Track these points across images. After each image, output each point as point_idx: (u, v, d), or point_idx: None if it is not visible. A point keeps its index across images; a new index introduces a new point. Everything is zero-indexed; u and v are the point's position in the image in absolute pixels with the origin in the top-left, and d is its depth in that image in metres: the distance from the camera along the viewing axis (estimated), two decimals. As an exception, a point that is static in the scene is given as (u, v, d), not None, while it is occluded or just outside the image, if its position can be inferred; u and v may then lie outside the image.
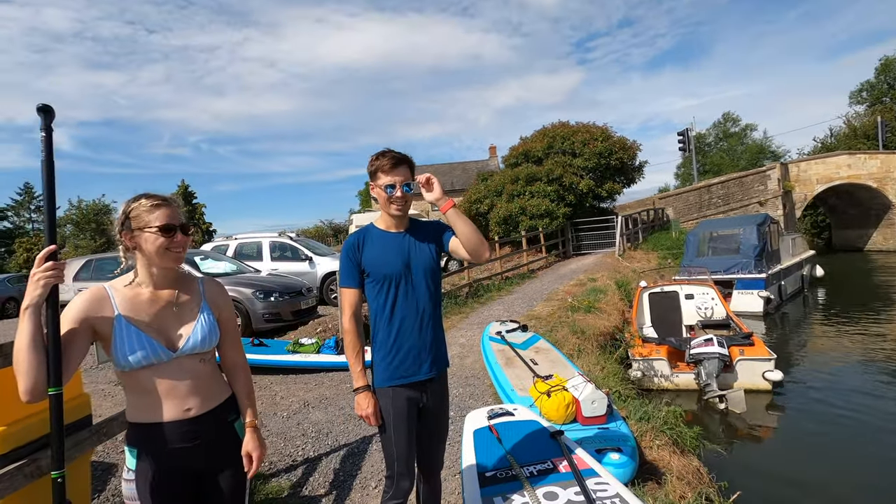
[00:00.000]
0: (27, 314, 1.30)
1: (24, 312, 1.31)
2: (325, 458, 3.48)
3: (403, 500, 1.98)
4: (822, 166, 23.48)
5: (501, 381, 4.35)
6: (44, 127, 1.38)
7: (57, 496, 1.35)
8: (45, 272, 1.31)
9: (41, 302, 1.31)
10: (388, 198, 1.87)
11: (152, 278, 1.51)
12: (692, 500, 2.65)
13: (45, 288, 1.31)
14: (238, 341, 1.71)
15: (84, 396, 2.21)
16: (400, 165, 1.87)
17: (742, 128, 47.40)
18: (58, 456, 1.36)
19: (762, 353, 6.64)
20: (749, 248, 11.80)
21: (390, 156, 1.87)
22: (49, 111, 1.39)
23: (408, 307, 1.92)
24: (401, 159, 1.88)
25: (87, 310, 1.41)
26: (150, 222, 1.45)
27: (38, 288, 1.30)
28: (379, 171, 1.87)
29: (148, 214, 1.46)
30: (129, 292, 1.48)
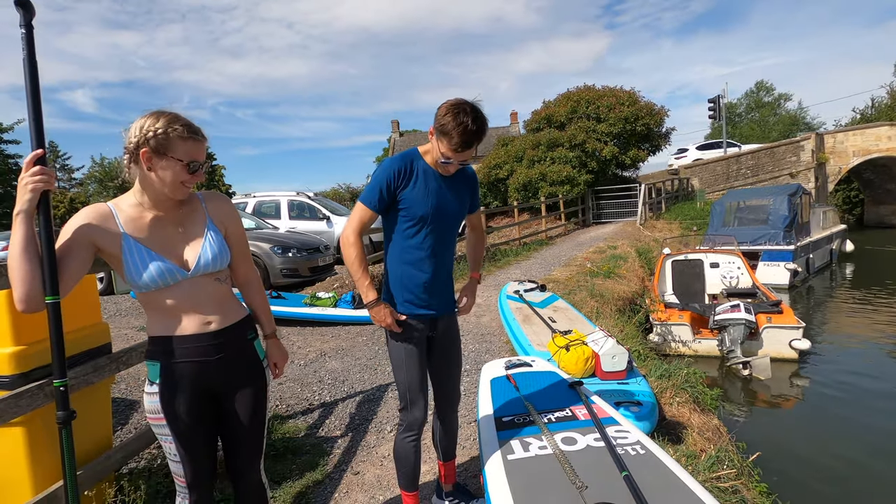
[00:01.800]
0: (19, 220, 1.24)
1: (15, 218, 1.25)
2: (340, 403, 3.51)
3: (417, 434, 1.96)
4: (860, 138, 22.35)
5: (519, 337, 4.30)
6: (24, 24, 1.29)
7: (60, 404, 1.34)
8: (34, 177, 1.25)
9: (32, 208, 1.25)
10: (441, 166, 1.80)
11: (156, 201, 1.44)
12: (714, 453, 2.59)
13: (34, 193, 1.24)
14: (249, 256, 1.67)
15: (103, 325, 2.21)
16: (469, 148, 1.73)
17: (776, 97, 45.30)
18: (59, 365, 1.34)
19: (790, 321, 6.47)
20: (778, 219, 11.39)
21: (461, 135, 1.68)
22: (28, 6, 1.29)
23: (431, 247, 1.88)
24: (470, 140, 1.71)
25: (88, 222, 1.36)
26: (177, 152, 1.37)
27: (27, 193, 1.24)
28: (445, 137, 1.72)
29: (181, 143, 1.37)
30: (133, 212, 1.43)
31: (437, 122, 1.74)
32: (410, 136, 39.53)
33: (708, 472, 2.43)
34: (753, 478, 3.03)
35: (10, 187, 29.03)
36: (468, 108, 1.69)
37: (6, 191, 28.58)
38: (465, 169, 1.97)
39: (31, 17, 1.29)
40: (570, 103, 18.93)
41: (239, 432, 1.57)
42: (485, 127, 1.73)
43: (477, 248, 2.20)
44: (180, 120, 1.40)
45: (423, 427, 1.99)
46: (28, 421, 1.80)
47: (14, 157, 29.16)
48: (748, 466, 3.10)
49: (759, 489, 2.94)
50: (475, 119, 1.69)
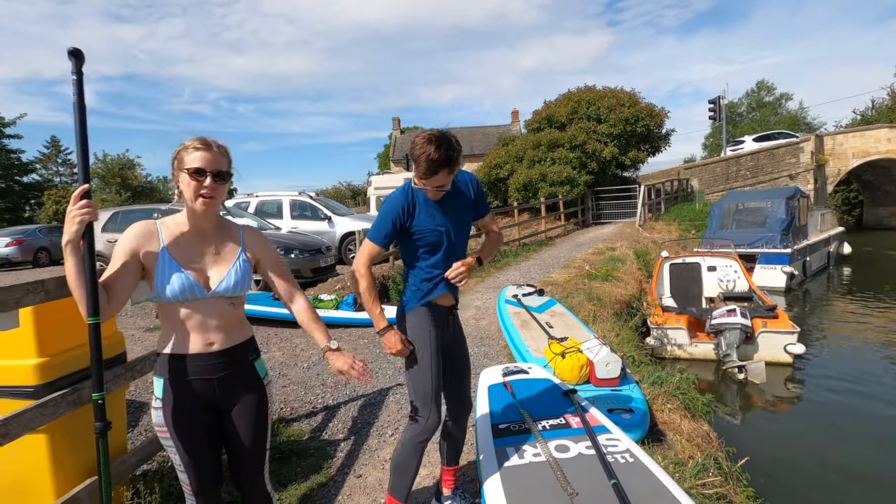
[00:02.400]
0: (68, 249, 1.39)
1: (65, 248, 1.40)
2: (343, 407, 3.62)
3: (427, 439, 2.02)
4: (859, 139, 22.42)
5: (516, 342, 4.41)
6: (75, 70, 1.42)
7: (98, 415, 1.45)
8: (80, 209, 1.38)
9: (78, 238, 1.39)
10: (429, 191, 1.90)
11: (195, 220, 1.57)
12: (701, 460, 2.70)
13: (80, 224, 1.38)
14: (291, 279, 1.80)
15: (118, 335, 2.32)
16: (437, 173, 1.80)
17: (776, 97, 45.32)
18: (97, 379, 1.46)
19: (786, 326, 6.57)
20: (776, 222, 11.48)
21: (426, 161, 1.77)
22: (79, 55, 1.42)
23: (446, 261, 1.99)
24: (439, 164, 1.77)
25: (136, 242, 1.50)
26: (186, 164, 1.50)
27: (74, 224, 1.37)
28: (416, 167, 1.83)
29: (188, 156, 1.51)
30: (176, 230, 1.56)
31: (410, 152, 1.88)
32: (411, 133, 39.52)
33: (694, 479, 2.54)
34: (741, 483, 3.14)
35: (13, 182, 29.11)
36: (434, 138, 1.76)
37: (8, 185, 28.68)
38: (467, 177, 2.07)
39: (81, 63, 1.41)
40: (570, 104, 19.01)
41: (241, 447, 1.67)
42: (452, 154, 1.77)
43: (492, 243, 2.23)
44: (196, 138, 1.54)
45: (433, 432, 2.04)
46: (51, 428, 1.91)
47: (16, 152, 29.21)
48: (736, 471, 3.21)
49: (747, 493, 3.05)
50: (439, 147, 1.74)
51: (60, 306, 1.97)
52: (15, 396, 1.87)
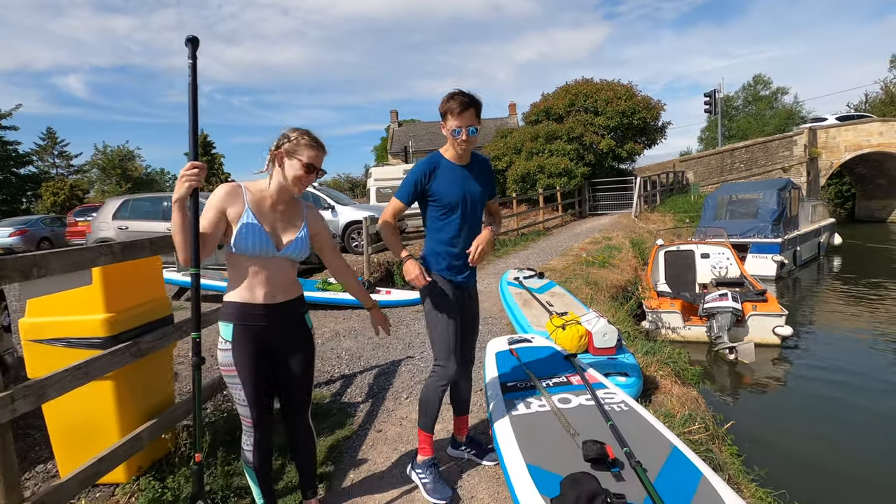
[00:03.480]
0: (176, 206, 1.66)
1: (173, 204, 1.66)
2: (359, 376, 3.88)
3: (447, 384, 2.30)
4: (851, 133, 22.77)
5: (519, 318, 4.68)
6: (191, 55, 1.68)
7: (195, 350, 1.75)
8: (190, 172, 1.65)
9: (186, 197, 1.66)
10: (454, 140, 2.12)
11: (278, 192, 1.85)
12: (687, 412, 2.99)
13: (188, 188, 1.65)
14: (337, 250, 2.11)
15: (166, 299, 2.57)
16: (467, 110, 2.08)
17: (773, 91, 45.64)
18: (196, 320, 1.73)
19: (774, 309, 6.89)
20: (767, 213, 11.80)
21: (459, 100, 2.07)
22: (196, 42, 1.68)
23: (459, 226, 2.25)
24: (468, 104, 2.08)
25: (224, 200, 1.76)
26: (301, 155, 1.78)
27: (183, 187, 1.65)
28: (448, 114, 2.09)
29: (305, 149, 1.80)
30: (258, 195, 1.83)
31: (440, 113, 2.14)
32: (409, 125, 39.54)
33: (681, 427, 2.82)
34: (726, 442, 3.43)
35: (10, 174, 29.09)
36: (456, 89, 2.12)
37: (5, 177, 28.64)
38: (482, 158, 2.35)
39: (196, 48, 1.67)
40: (568, 96, 19.23)
41: (293, 385, 1.96)
42: (475, 97, 2.11)
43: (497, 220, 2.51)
44: (310, 133, 1.85)
45: (453, 379, 2.32)
46: (116, 376, 2.17)
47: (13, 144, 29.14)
48: (722, 433, 3.50)
49: (730, 451, 3.35)
50: (463, 91, 2.11)
51: (125, 268, 2.22)
52: (85, 347, 2.12)
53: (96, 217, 8.76)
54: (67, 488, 1.82)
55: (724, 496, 1.79)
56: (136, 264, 2.30)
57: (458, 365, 2.31)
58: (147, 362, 2.35)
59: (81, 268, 1.93)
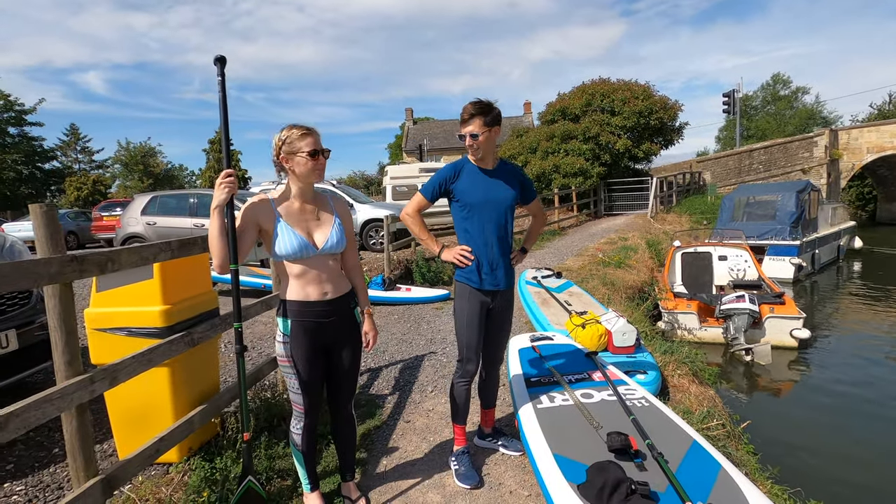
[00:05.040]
0: (216, 213, 1.80)
1: (213, 211, 1.80)
2: (384, 370, 4.04)
3: (469, 381, 2.47)
4: (874, 134, 22.35)
5: (538, 317, 4.80)
6: (219, 73, 1.81)
7: (238, 339, 1.89)
8: (227, 180, 1.79)
9: (224, 203, 1.79)
10: (465, 145, 2.26)
11: (301, 193, 1.96)
12: (706, 409, 3.08)
13: (227, 194, 1.79)
14: (355, 247, 2.17)
15: (214, 293, 2.74)
16: (473, 118, 2.21)
17: (793, 91, 44.87)
18: (237, 312, 1.88)
19: (792, 311, 6.90)
20: (785, 215, 11.71)
21: (465, 109, 2.23)
22: (223, 61, 1.82)
23: (483, 230, 2.36)
24: (473, 112, 2.21)
25: (255, 210, 1.89)
26: (301, 148, 1.88)
27: (223, 193, 1.79)
28: (461, 122, 2.25)
29: (299, 142, 1.88)
30: (285, 202, 1.95)
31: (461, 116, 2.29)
32: (424, 123, 39.73)
33: (700, 423, 2.92)
34: (742, 441, 3.52)
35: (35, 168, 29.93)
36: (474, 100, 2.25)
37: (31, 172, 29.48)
38: (510, 165, 2.47)
39: (224, 66, 1.80)
40: (584, 96, 19.19)
41: (342, 377, 2.10)
42: (483, 105, 2.22)
43: (533, 228, 2.72)
44: (296, 125, 1.92)
45: (474, 376, 2.48)
46: (172, 363, 2.34)
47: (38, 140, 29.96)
48: (738, 432, 3.59)
49: (746, 449, 3.43)
50: (474, 101, 2.23)
51: (179, 264, 2.39)
52: (145, 336, 2.30)
53: (125, 213, 9.06)
54: (133, 464, 1.99)
55: (743, 487, 1.89)
56: (188, 260, 2.47)
57: (478, 364, 2.45)
58: (197, 351, 2.52)
59: (146, 262, 2.10)
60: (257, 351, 4.54)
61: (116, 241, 8.95)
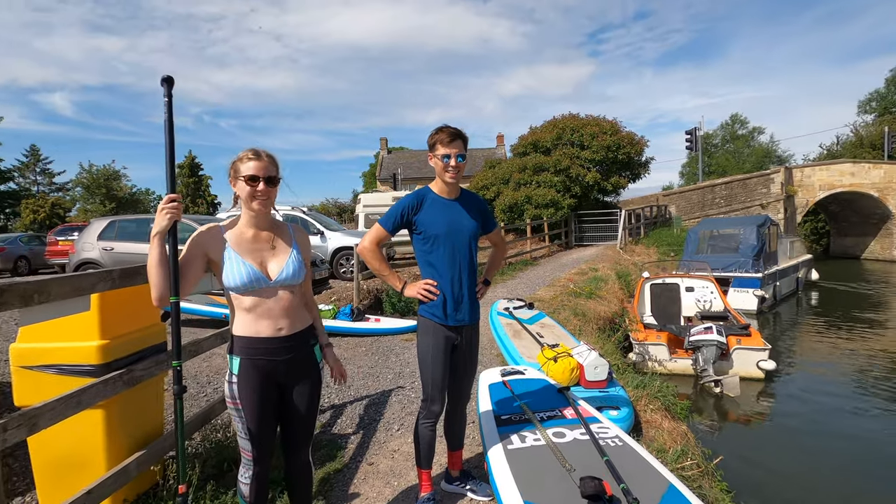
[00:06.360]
0: (156, 240, 1.64)
1: (153, 238, 1.65)
2: (349, 406, 3.83)
3: (434, 421, 2.33)
4: (825, 173, 23.70)
5: (510, 350, 4.69)
6: (166, 94, 1.70)
7: (176, 379, 1.71)
8: (170, 205, 1.65)
9: (166, 230, 1.65)
10: (444, 166, 2.18)
11: (253, 221, 1.82)
12: (680, 448, 3.00)
13: (169, 220, 1.65)
14: (310, 280, 2.04)
15: (161, 326, 2.53)
16: (456, 140, 2.18)
17: (749, 130, 47.44)
18: (176, 349, 1.70)
19: (758, 343, 7.01)
20: (748, 248, 12.12)
21: (448, 131, 2.18)
22: (171, 81, 1.70)
23: (448, 263, 2.26)
24: (457, 134, 2.18)
25: (203, 239, 1.75)
26: (242, 172, 1.76)
27: (164, 220, 1.64)
28: (438, 144, 2.18)
29: (242, 165, 1.77)
30: (237, 230, 1.81)
31: (429, 145, 2.23)
32: (398, 153, 40.04)
33: (674, 462, 2.83)
34: (715, 478, 3.44)
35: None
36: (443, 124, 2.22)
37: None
38: (472, 195, 2.40)
39: (171, 87, 1.68)
40: (555, 130, 19.74)
41: (297, 421, 1.92)
42: (461, 131, 2.21)
43: (495, 259, 2.63)
44: (251, 149, 1.80)
45: (440, 417, 2.34)
46: (107, 405, 2.12)
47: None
48: (711, 468, 3.51)
49: (720, 487, 3.35)
50: (448, 126, 2.21)
51: (122, 295, 2.20)
52: (77, 374, 2.08)
53: (80, 237, 8.61)
54: (52, 523, 1.76)
55: (721, 534, 1.80)
56: (133, 290, 2.28)
57: (444, 404, 2.33)
58: (139, 390, 2.30)
59: (81, 293, 1.92)
60: (213, 387, 4.26)
61: (69, 267, 8.47)
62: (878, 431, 5.63)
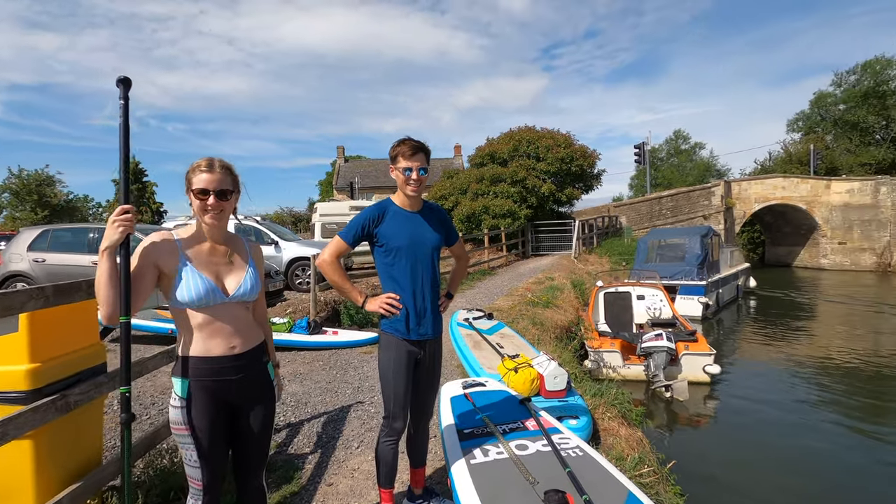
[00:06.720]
0: (106, 254, 1.52)
1: (102, 253, 1.52)
2: (306, 424, 3.69)
3: (397, 439, 2.28)
4: (760, 186, 25.40)
5: (470, 361, 4.68)
6: (122, 96, 1.58)
7: (124, 407, 1.57)
8: (122, 217, 1.53)
9: (117, 245, 1.53)
10: (405, 179, 2.15)
11: (208, 233, 1.73)
12: (637, 455, 3.08)
13: (122, 234, 1.52)
14: (264, 297, 1.96)
15: (100, 345, 2.35)
16: (418, 153, 2.15)
17: (692, 146, 50.22)
18: (125, 374, 1.57)
19: (704, 348, 7.35)
20: (692, 258, 12.75)
21: (410, 144, 2.15)
22: (128, 83, 1.59)
23: (410, 276, 2.22)
24: (419, 147, 2.16)
25: (155, 250, 1.63)
26: (193, 185, 1.66)
27: (116, 233, 1.52)
28: (399, 156, 2.15)
29: (194, 177, 1.67)
30: (192, 241, 1.71)
31: (390, 157, 2.23)
32: (355, 162, 39.63)
33: (632, 470, 2.90)
34: (670, 482, 3.55)
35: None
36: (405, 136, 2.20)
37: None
38: (434, 206, 2.38)
39: (128, 89, 1.57)
40: (512, 142, 20.15)
41: (251, 443, 1.81)
42: (424, 143, 2.19)
43: (457, 271, 2.61)
44: (204, 159, 1.70)
45: (402, 434, 2.29)
46: (37, 434, 1.93)
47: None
48: (665, 473, 3.63)
49: (674, 491, 3.46)
50: (410, 138, 2.19)
51: (53, 314, 2.03)
52: (4, 402, 1.89)
53: (8, 248, 7.95)
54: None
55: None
56: (69, 308, 2.11)
57: (406, 422, 2.28)
58: (74, 417, 2.12)
59: (9, 313, 1.75)
60: (157, 408, 4.01)
61: (-6, 280, 7.79)
62: (812, 428, 6.03)
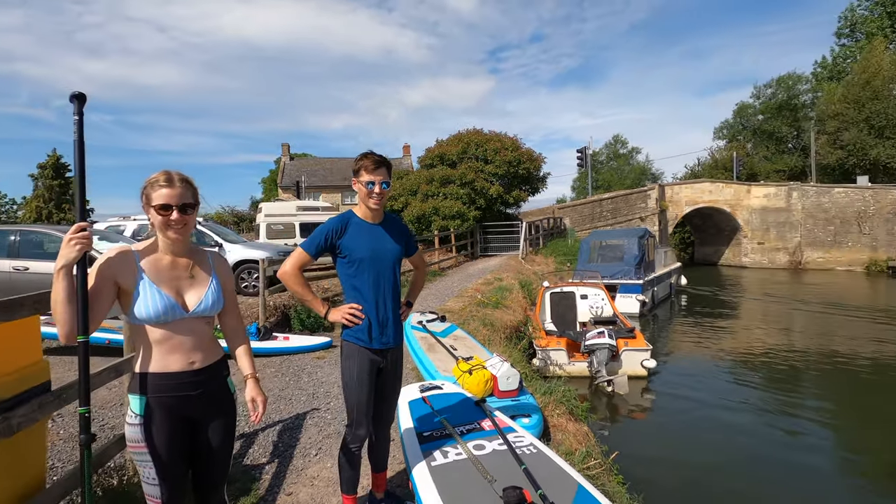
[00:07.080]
0: (62, 273, 1.47)
1: (59, 272, 1.47)
2: (261, 433, 3.64)
3: (360, 446, 2.33)
4: (689, 190, 27.25)
5: (425, 364, 4.78)
6: (76, 111, 1.54)
7: (84, 427, 1.53)
8: (79, 235, 1.48)
9: (73, 263, 1.48)
10: (368, 192, 2.21)
11: (169, 247, 1.70)
12: (584, 450, 3.29)
13: (79, 252, 1.48)
14: (237, 308, 1.94)
15: (44, 363, 2.23)
16: (380, 167, 2.22)
17: (629, 150, 52.99)
18: (84, 394, 1.54)
19: (641, 344, 7.85)
20: (630, 258, 13.53)
21: (373, 158, 2.22)
22: (82, 98, 1.55)
23: (373, 287, 2.29)
24: (381, 162, 2.23)
25: (113, 266, 1.60)
26: (154, 201, 1.64)
27: (73, 251, 1.47)
28: (362, 170, 2.21)
29: (154, 192, 1.64)
30: (152, 256, 1.68)
31: (353, 171, 2.29)
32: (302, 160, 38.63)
33: (581, 463, 3.10)
34: (613, 472, 3.82)
35: None
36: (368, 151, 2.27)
37: None
38: (395, 218, 2.46)
39: (83, 105, 1.53)
40: (461, 144, 20.42)
41: (211, 458, 1.80)
42: (386, 158, 2.28)
43: (417, 281, 2.70)
44: (165, 172, 1.68)
45: (365, 440, 2.35)
46: (-22, 460, 1.83)
47: None
48: (609, 464, 3.89)
49: (617, 480, 3.73)
50: (373, 153, 2.26)
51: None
52: (-63, 428, 1.77)
53: None
54: None
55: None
56: (8, 326, 1.99)
57: (369, 428, 2.34)
58: (16, 440, 2.01)
59: (-54, 335, 1.65)
60: (99, 423, 3.80)
61: None
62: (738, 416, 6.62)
